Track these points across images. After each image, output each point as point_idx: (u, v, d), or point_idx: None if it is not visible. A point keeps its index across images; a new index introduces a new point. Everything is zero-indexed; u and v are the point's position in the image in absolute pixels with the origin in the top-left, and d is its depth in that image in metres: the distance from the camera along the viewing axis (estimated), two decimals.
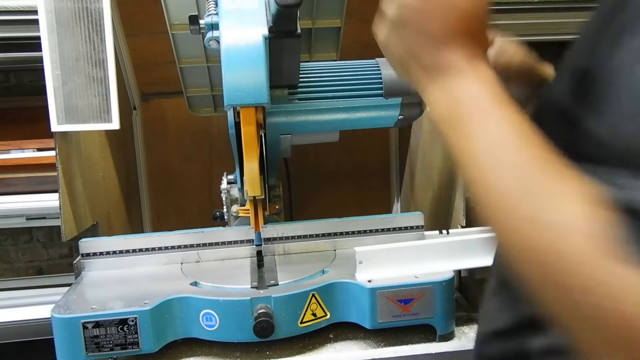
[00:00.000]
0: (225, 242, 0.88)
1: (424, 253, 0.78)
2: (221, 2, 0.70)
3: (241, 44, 0.67)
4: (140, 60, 1.24)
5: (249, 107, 0.70)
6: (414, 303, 0.73)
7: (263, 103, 0.69)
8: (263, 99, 0.68)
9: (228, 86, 0.67)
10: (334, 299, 0.74)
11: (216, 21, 0.71)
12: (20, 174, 1.35)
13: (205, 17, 0.74)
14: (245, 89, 0.67)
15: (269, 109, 0.79)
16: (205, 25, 0.72)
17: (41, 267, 1.74)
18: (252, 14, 0.69)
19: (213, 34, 0.72)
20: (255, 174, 0.74)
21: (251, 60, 0.66)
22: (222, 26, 0.68)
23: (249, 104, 0.69)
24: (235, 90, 0.67)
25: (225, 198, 1.01)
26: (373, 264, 0.77)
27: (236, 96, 0.68)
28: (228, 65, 0.66)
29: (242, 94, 0.67)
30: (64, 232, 0.85)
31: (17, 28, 1.01)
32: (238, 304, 0.70)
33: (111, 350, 0.68)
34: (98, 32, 0.81)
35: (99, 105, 0.82)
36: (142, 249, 0.86)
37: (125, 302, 0.70)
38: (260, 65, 0.67)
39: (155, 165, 1.36)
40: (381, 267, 0.77)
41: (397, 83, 0.83)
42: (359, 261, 0.76)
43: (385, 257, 0.78)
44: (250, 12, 0.69)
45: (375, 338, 0.75)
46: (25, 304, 1.20)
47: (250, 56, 0.66)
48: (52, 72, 0.80)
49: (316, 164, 1.33)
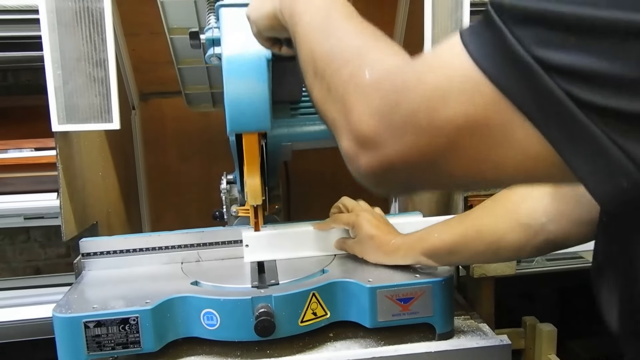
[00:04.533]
0: (225, 242, 0.88)
1: (307, 239, 0.87)
2: (223, 20, 0.69)
3: (244, 71, 0.66)
4: (140, 60, 1.24)
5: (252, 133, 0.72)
6: (414, 302, 0.74)
7: (265, 129, 0.69)
8: (265, 126, 0.69)
9: (231, 113, 0.67)
10: (334, 298, 0.75)
11: (217, 36, 0.71)
12: (18, 173, 1.35)
13: (205, 30, 0.73)
14: (247, 116, 0.67)
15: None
16: (206, 41, 0.72)
17: (39, 266, 1.74)
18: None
19: (214, 51, 0.71)
20: (257, 187, 0.76)
21: (254, 88, 0.67)
22: (224, 48, 0.68)
23: (251, 130, 0.70)
24: (237, 117, 0.67)
25: (225, 198, 1.02)
26: (259, 248, 0.85)
27: (239, 123, 0.69)
28: (231, 93, 0.66)
29: (244, 121, 0.68)
30: (64, 231, 0.86)
31: (18, 27, 1.01)
32: (239, 303, 0.70)
33: (112, 350, 0.69)
34: (99, 31, 0.81)
35: (100, 105, 0.82)
36: (142, 249, 0.86)
37: (127, 302, 0.71)
38: (263, 93, 0.67)
39: (154, 165, 1.36)
40: (267, 251, 0.85)
41: None
42: (245, 244, 0.84)
43: (270, 241, 0.85)
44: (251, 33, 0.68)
45: (375, 337, 0.76)
46: (24, 303, 1.19)
47: (253, 84, 0.67)
48: (53, 71, 0.80)
49: (315, 163, 1.33)
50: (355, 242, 0.83)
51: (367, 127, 0.39)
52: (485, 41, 0.34)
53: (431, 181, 0.41)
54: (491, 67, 0.34)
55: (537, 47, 0.32)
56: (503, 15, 0.33)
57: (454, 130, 0.35)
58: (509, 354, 0.73)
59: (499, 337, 0.75)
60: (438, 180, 0.40)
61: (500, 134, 0.34)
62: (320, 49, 0.46)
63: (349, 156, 0.42)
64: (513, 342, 0.78)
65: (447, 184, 0.42)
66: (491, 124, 0.34)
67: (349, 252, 0.85)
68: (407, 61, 0.41)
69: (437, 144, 0.36)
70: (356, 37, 0.45)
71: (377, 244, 0.79)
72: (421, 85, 0.37)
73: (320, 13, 0.48)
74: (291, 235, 0.87)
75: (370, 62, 0.41)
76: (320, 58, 0.46)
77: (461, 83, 0.35)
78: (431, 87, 0.36)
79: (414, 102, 0.37)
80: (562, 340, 1.19)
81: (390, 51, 0.43)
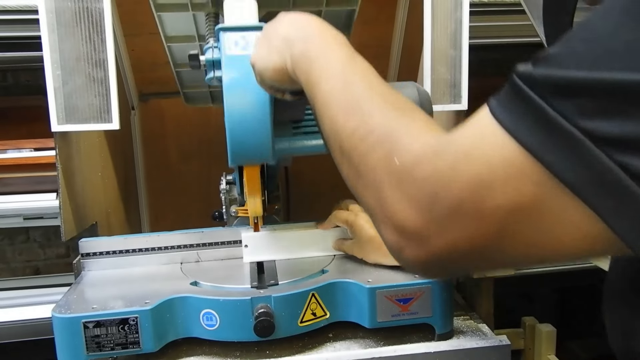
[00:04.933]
0: (225, 242, 0.88)
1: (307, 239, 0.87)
2: (223, 46, 0.67)
3: (245, 105, 0.65)
4: (139, 60, 1.24)
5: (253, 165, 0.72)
6: (413, 302, 0.74)
7: (268, 161, 0.69)
8: (267, 159, 0.68)
9: (232, 148, 0.66)
10: (334, 299, 0.75)
11: (217, 58, 0.69)
12: (18, 173, 1.35)
13: (205, 50, 0.72)
14: (249, 150, 0.66)
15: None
16: (205, 62, 0.71)
17: (38, 267, 1.74)
18: None
19: (215, 74, 0.70)
20: (259, 207, 0.77)
21: (256, 122, 0.65)
22: (224, 79, 0.66)
23: (253, 163, 0.71)
24: (239, 151, 0.66)
25: (225, 198, 1.02)
26: (259, 248, 0.84)
27: (241, 157, 0.68)
28: (232, 129, 0.65)
29: (246, 155, 0.67)
30: (63, 232, 0.86)
31: (17, 28, 1.01)
32: (238, 303, 0.70)
33: (112, 350, 0.68)
34: (98, 32, 0.81)
35: (99, 105, 0.82)
36: (142, 249, 0.86)
37: (126, 302, 0.71)
38: (265, 129, 0.65)
39: (153, 165, 1.36)
40: (266, 251, 0.85)
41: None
42: (244, 245, 0.84)
43: (269, 242, 0.85)
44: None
45: (374, 337, 0.76)
46: (24, 304, 1.20)
47: (255, 118, 0.65)
48: (53, 72, 0.80)
49: (315, 164, 1.34)
50: (353, 242, 0.83)
51: (407, 219, 0.37)
52: (521, 117, 0.32)
53: (485, 266, 0.39)
54: (535, 146, 0.31)
55: (582, 119, 0.30)
56: (537, 88, 0.31)
57: (504, 217, 0.33)
58: (508, 355, 0.73)
59: (499, 337, 0.75)
60: (492, 265, 0.39)
61: (553, 216, 0.32)
62: (344, 128, 0.43)
63: (391, 248, 0.39)
64: (512, 342, 0.78)
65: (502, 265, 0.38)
66: (542, 206, 0.32)
67: (347, 252, 0.85)
68: (437, 141, 0.37)
69: (487, 232, 0.34)
70: (381, 114, 0.42)
71: (377, 244, 0.79)
72: (461, 176, 0.34)
73: (338, 81, 0.45)
74: (291, 235, 0.87)
75: (399, 147, 0.38)
76: (346, 139, 0.43)
77: (505, 168, 0.33)
78: (472, 177, 0.34)
79: (456, 194, 0.34)
80: (561, 341, 1.19)
81: (417, 129, 0.40)
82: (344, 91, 0.45)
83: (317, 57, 0.49)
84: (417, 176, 0.36)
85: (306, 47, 0.50)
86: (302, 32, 0.52)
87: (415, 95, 0.70)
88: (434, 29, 0.88)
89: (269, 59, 0.55)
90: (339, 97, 0.45)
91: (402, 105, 0.43)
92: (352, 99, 0.44)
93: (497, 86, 0.35)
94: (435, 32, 0.88)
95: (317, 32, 0.52)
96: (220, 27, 0.69)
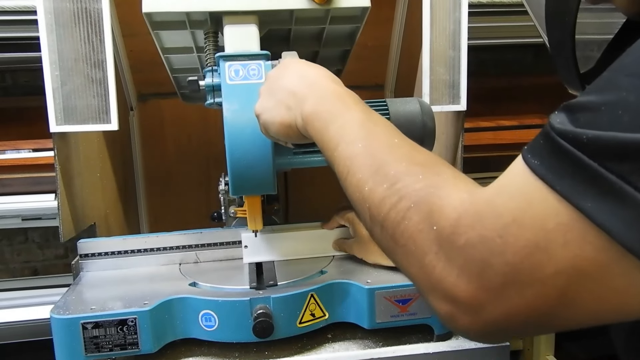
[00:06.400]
0: (223, 243, 0.88)
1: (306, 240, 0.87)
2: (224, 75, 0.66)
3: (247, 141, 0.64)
4: (138, 60, 1.24)
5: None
6: (412, 303, 0.74)
7: (269, 192, 0.69)
8: (269, 190, 0.68)
9: (234, 181, 0.66)
10: (333, 300, 0.75)
11: (217, 82, 0.68)
12: (16, 174, 1.35)
13: (205, 73, 0.71)
14: (251, 183, 0.66)
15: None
16: (205, 87, 0.70)
17: (36, 267, 1.74)
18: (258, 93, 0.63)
19: (215, 100, 0.69)
20: (259, 224, 0.78)
21: (258, 159, 0.65)
22: (226, 112, 0.65)
23: (255, 194, 0.71)
24: (241, 184, 0.66)
25: (223, 199, 1.01)
26: (258, 249, 0.84)
27: (242, 189, 0.68)
28: (234, 163, 0.65)
29: (248, 187, 0.67)
30: (62, 232, 0.85)
31: (16, 28, 1.01)
32: (237, 304, 0.70)
33: (110, 351, 0.68)
34: (97, 32, 0.81)
35: (98, 106, 0.82)
36: (140, 250, 0.86)
37: (125, 303, 0.71)
38: (267, 164, 0.65)
39: (152, 166, 1.36)
40: (265, 252, 0.85)
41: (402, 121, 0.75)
42: (244, 245, 0.84)
43: (269, 243, 0.85)
44: (255, 89, 0.62)
45: (373, 338, 0.76)
46: (22, 304, 1.19)
47: (257, 153, 0.64)
48: (51, 72, 0.80)
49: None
50: (354, 242, 0.83)
51: (458, 289, 0.35)
52: (574, 181, 0.31)
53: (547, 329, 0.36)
54: (595, 211, 0.30)
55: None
56: (587, 150, 0.30)
57: (565, 281, 0.32)
58: (507, 355, 0.73)
59: None
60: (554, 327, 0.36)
61: (616, 279, 0.31)
62: (372, 196, 0.41)
63: (443, 318, 0.37)
64: (511, 343, 0.78)
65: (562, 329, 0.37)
66: (605, 271, 0.31)
67: (348, 252, 0.85)
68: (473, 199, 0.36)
69: (548, 297, 0.33)
70: (408, 177, 0.40)
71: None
72: (513, 242, 0.33)
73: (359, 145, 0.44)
74: (290, 236, 0.87)
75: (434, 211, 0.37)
76: (374, 207, 0.41)
77: (563, 234, 0.31)
78: (526, 244, 0.32)
79: (510, 262, 0.33)
80: (560, 342, 1.19)
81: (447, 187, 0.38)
82: (366, 156, 0.43)
83: (334, 119, 0.47)
84: (461, 243, 0.35)
85: (320, 106, 0.49)
86: (314, 89, 0.50)
87: (418, 110, 0.70)
88: (433, 30, 0.88)
89: (277, 113, 0.54)
90: (362, 162, 0.43)
91: (426, 160, 0.42)
92: (375, 163, 0.42)
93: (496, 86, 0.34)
94: (434, 32, 0.88)
95: (330, 90, 0.50)
96: (220, 55, 0.68)
